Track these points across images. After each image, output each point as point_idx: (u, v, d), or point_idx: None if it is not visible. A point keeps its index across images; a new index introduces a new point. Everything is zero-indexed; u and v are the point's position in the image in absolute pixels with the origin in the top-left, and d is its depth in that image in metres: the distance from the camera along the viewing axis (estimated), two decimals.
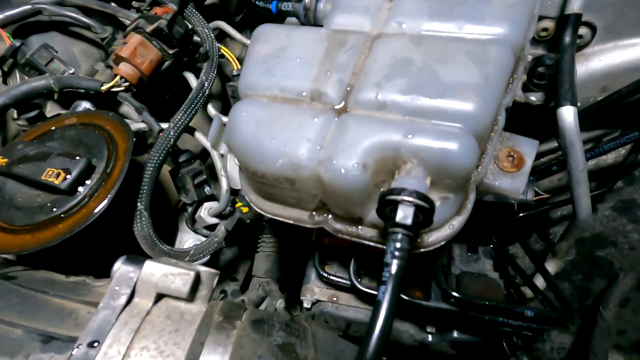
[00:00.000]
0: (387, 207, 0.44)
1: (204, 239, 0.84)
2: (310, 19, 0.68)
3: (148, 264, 0.53)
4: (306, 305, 0.74)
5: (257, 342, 0.52)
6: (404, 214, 0.41)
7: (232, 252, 1.06)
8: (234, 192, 0.94)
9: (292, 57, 0.55)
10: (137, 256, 0.54)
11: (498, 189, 0.57)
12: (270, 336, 0.53)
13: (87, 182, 0.60)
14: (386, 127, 0.47)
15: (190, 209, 0.83)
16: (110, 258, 0.56)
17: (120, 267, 0.52)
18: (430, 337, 0.70)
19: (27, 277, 0.55)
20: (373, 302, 0.74)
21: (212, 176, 0.92)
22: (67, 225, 0.57)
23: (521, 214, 0.83)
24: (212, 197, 0.85)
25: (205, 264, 0.91)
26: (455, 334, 0.68)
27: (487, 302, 0.55)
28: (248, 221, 1.12)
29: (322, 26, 0.61)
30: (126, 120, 0.84)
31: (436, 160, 0.45)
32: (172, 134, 0.72)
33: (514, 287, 0.72)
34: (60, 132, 0.68)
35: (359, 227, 0.55)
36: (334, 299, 0.74)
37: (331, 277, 0.72)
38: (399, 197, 0.41)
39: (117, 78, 0.75)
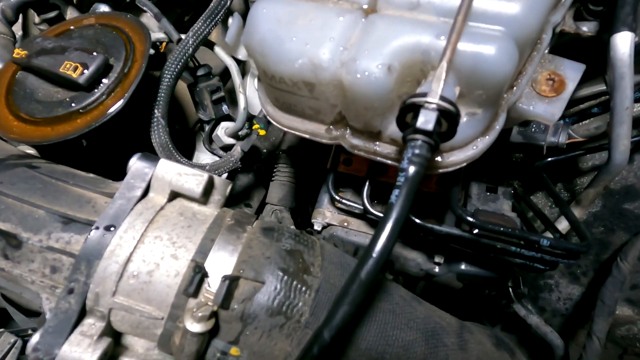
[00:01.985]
0: (408, 113, 0.41)
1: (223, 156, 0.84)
2: None
3: (163, 162, 0.53)
4: (317, 227, 0.75)
5: (266, 245, 0.53)
6: (426, 119, 0.38)
7: (248, 179, 1.07)
8: (251, 117, 0.92)
9: None
10: (153, 154, 0.54)
11: (531, 114, 0.53)
12: (279, 242, 0.54)
13: (105, 80, 0.59)
14: (417, 28, 0.43)
15: (207, 127, 0.83)
16: (125, 164, 0.57)
17: (135, 162, 0.53)
18: (437, 268, 0.71)
19: (49, 168, 0.57)
20: None
21: (232, 101, 0.90)
22: (85, 120, 0.57)
23: (550, 159, 0.79)
24: (229, 118, 0.84)
25: None
26: (463, 266, 0.68)
27: (500, 228, 0.53)
28: (265, 150, 1.12)
29: None
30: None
31: (469, 66, 0.41)
32: (190, 42, 0.70)
33: (532, 230, 0.70)
34: (78, 32, 0.66)
35: (377, 142, 0.53)
36: (345, 223, 0.74)
37: (344, 201, 0.71)
38: (422, 100, 0.38)
39: None
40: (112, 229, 0.48)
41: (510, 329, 1.06)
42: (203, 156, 0.90)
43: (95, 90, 0.59)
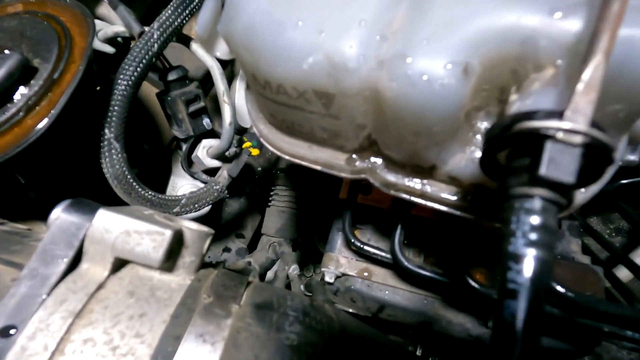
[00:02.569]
0: (509, 147, 0.23)
1: (202, 185, 0.66)
2: None
3: (102, 213, 0.35)
4: (328, 278, 0.57)
5: (262, 339, 0.35)
6: (560, 162, 0.20)
7: (239, 204, 0.89)
8: (242, 131, 0.74)
9: None
10: (88, 201, 0.36)
11: None
12: (281, 331, 0.36)
13: (24, 89, 0.41)
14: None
15: (185, 146, 0.65)
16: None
17: (59, 216, 0.35)
18: None
19: None
20: (418, 283, 0.57)
21: (217, 112, 0.72)
22: None
23: (624, 181, 0.62)
24: (213, 133, 0.65)
25: (203, 218, 0.75)
26: None
27: (620, 310, 0.36)
28: (259, 169, 0.93)
29: None
30: (104, 23, 0.63)
31: (612, 64, 0.24)
32: (155, 36, 0.51)
33: (613, 279, 0.53)
34: None
35: (426, 181, 0.35)
36: (366, 274, 0.57)
37: (366, 248, 0.53)
38: (551, 125, 0.21)
39: None
40: (12, 331, 0.30)
41: None
42: (181, 181, 0.72)
43: (9, 104, 0.40)
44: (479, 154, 0.31)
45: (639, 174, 0.63)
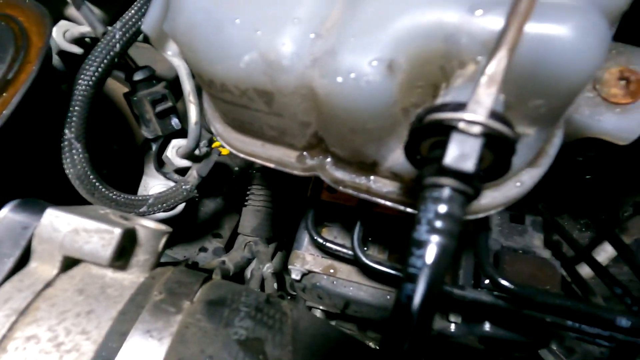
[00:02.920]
0: (425, 139, 0.24)
1: (174, 185, 0.66)
2: None
3: (50, 213, 0.35)
4: (295, 276, 0.58)
5: (210, 335, 0.35)
6: (462, 152, 0.21)
7: (216, 204, 0.89)
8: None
9: None
10: (37, 200, 0.36)
11: (596, 131, 0.36)
12: (230, 326, 0.36)
13: None
14: None
15: (154, 146, 0.65)
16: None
17: (6, 216, 0.35)
18: (453, 327, 0.54)
19: None
20: (381, 279, 0.58)
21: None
22: None
23: (588, 176, 0.63)
24: (183, 133, 0.66)
25: (176, 217, 0.75)
26: (487, 327, 0.51)
27: (557, 301, 0.36)
28: (237, 168, 0.94)
29: None
30: (70, 23, 0.63)
31: (525, 60, 0.25)
32: (118, 36, 0.52)
33: (568, 267, 0.54)
34: None
35: (371, 177, 0.36)
36: (331, 271, 0.57)
37: (328, 245, 0.54)
38: (455, 117, 0.21)
39: None
40: None
41: None
42: (153, 181, 0.72)
43: None
44: None
45: (602, 169, 0.64)
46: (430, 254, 0.20)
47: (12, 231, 0.34)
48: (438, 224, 0.21)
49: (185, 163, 0.66)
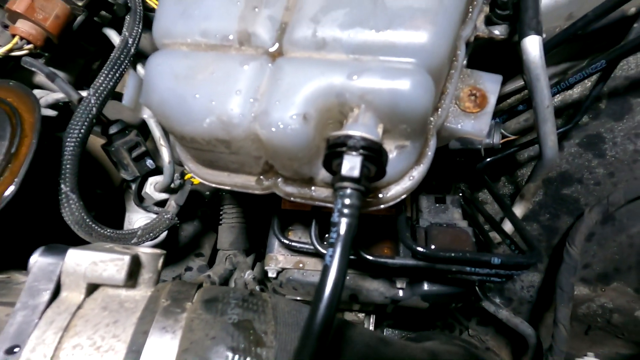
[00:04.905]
0: (333, 160, 0.38)
1: (154, 216, 0.77)
2: None
3: (72, 252, 0.46)
4: (271, 274, 0.70)
5: (209, 322, 0.47)
6: (351, 165, 0.35)
7: (194, 227, 1.00)
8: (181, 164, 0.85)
9: None
10: (59, 245, 0.47)
11: (461, 132, 0.52)
12: (225, 315, 0.48)
13: None
14: (327, 69, 0.40)
15: (134, 186, 0.75)
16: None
17: (37, 260, 0.45)
18: (401, 293, 0.68)
19: None
20: None
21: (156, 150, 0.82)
22: None
23: (488, 159, 0.80)
24: (157, 171, 0.76)
25: (161, 243, 0.85)
26: (425, 287, 0.67)
27: (452, 254, 0.52)
28: (207, 193, 1.05)
29: None
30: (44, 91, 0.72)
31: (386, 103, 0.39)
32: (93, 101, 0.62)
33: (483, 234, 0.70)
34: None
35: (312, 188, 0.49)
36: (300, 265, 0.70)
37: (293, 244, 0.67)
38: (344, 147, 0.35)
39: (16, 39, 0.62)
40: (16, 350, 0.40)
41: (486, 322, 1.07)
42: (136, 216, 0.81)
43: None
44: None
45: (501, 150, 0.81)
46: (342, 228, 0.34)
47: (44, 270, 0.45)
48: (344, 210, 0.35)
49: (163, 196, 0.77)
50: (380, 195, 0.48)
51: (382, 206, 0.48)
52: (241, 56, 0.44)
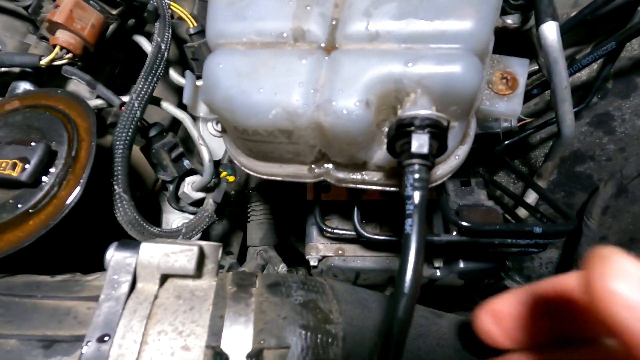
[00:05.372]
0: (398, 141, 0.41)
1: (191, 216, 0.79)
2: None
3: (145, 246, 0.48)
4: (313, 263, 0.73)
5: (279, 304, 0.50)
6: (419, 143, 0.38)
7: (222, 226, 1.02)
8: (215, 164, 0.88)
9: None
10: (130, 240, 0.49)
11: (495, 113, 0.56)
12: (290, 297, 0.51)
13: (52, 170, 0.53)
14: (384, 58, 0.44)
15: (171, 187, 0.77)
16: (95, 250, 0.51)
17: (114, 254, 0.47)
18: (438, 272, 0.72)
19: (5, 285, 0.49)
20: (379, 248, 0.75)
21: (186, 150, 0.85)
22: (38, 220, 0.50)
23: (506, 142, 0.84)
24: (193, 171, 0.79)
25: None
26: (462, 264, 0.70)
27: (497, 226, 0.56)
28: (233, 192, 1.07)
29: None
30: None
31: (441, 86, 0.43)
32: (136, 105, 0.64)
33: (509, 211, 0.74)
34: (2, 120, 0.58)
35: (363, 172, 0.53)
36: (340, 252, 0.73)
37: (335, 231, 0.70)
38: (412, 126, 0.39)
39: (57, 49, 0.64)
40: (106, 338, 0.42)
41: None
42: (172, 217, 0.84)
43: (43, 183, 0.52)
44: None
45: (517, 133, 0.86)
46: (416, 199, 0.37)
47: (121, 264, 0.47)
48: (416, 184, 0.39)
49: (200, 195, 0.79)
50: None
51: (433, 184, 0.51)
52: (297, 51, 0.47)
